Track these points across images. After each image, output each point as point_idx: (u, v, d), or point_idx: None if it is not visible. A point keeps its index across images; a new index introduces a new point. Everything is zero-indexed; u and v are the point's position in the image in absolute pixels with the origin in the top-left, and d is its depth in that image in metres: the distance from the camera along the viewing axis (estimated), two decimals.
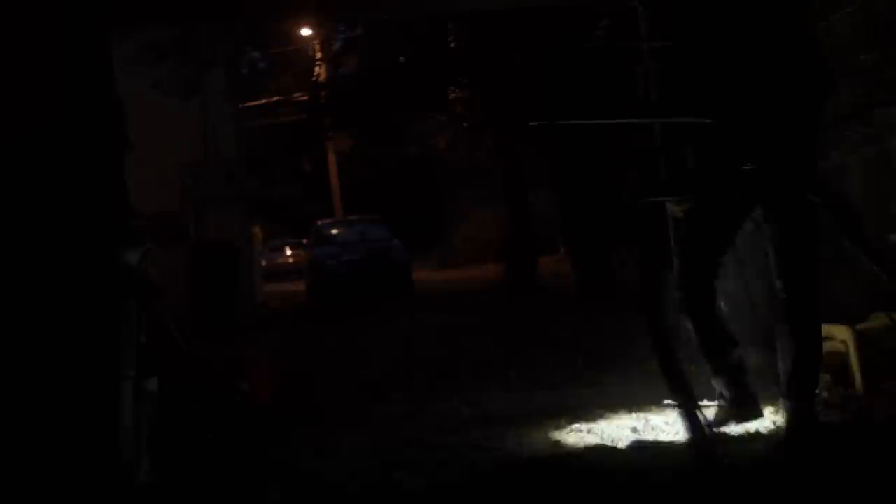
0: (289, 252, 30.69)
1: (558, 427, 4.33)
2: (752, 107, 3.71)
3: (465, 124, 15.62)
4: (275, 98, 19.45)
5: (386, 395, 5.74)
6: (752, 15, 3.73)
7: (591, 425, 4.32)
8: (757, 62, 3.69)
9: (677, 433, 3.89)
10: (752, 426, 3.93)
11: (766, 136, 3.71)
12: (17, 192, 4.17)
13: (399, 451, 4.18)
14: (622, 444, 3.96)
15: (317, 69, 17.29)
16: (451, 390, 5.53)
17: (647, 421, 4.27)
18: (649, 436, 4.06)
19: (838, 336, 4.48)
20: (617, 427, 4.25)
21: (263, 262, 24.87)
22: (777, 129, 3.70)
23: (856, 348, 4.44)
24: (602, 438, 4.11)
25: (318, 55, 17.37)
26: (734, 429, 3.88)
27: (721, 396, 3.92)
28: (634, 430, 4.17)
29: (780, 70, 3.69)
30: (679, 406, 3.58)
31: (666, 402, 4.02)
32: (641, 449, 3.86)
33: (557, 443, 4.12)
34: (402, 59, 14.47)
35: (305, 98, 17.87)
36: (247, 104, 18.85)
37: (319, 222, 18.44)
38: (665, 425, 4.11)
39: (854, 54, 5.40)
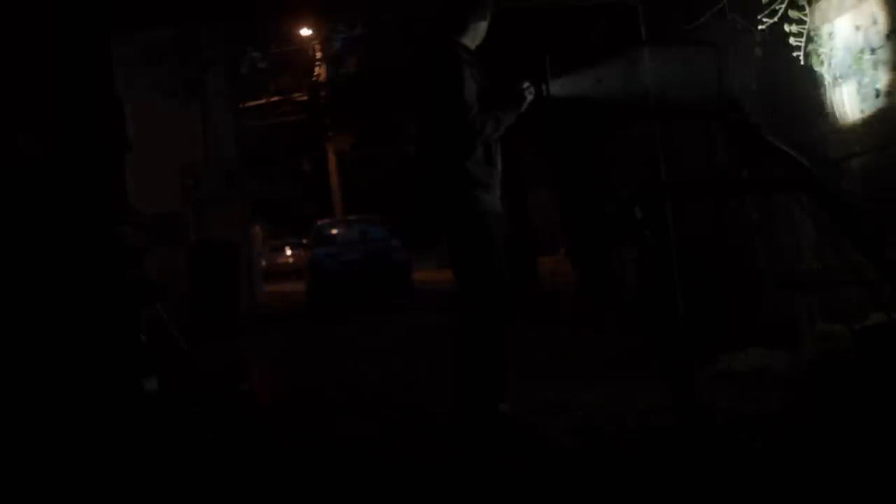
0: (289, 252, 30.70)
1: None
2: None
3: None
4: (275, 98, 19.45)
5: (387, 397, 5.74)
6: None
7: None
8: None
9: None
10: None
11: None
12: (18, 193, 4.17)
13: None
14: None
15: (317, 69, 17.28)
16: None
17: None
18: None
19: (838, 336, 4.47)
20: None
21: (263, 262, 24.90)
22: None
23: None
24: None
25: (318, 55, 17.36)
26: None
27: None
28: None
29: None
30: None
31: None
32: None
33: None
34: (402, 59, 14.45)
35: (305, 98, 17.87)
36: (247, 104, 18.85)
37: (319, 222, 18.43)
38: None
39: None
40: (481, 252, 4.19)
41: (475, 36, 4.38)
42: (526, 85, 4.24)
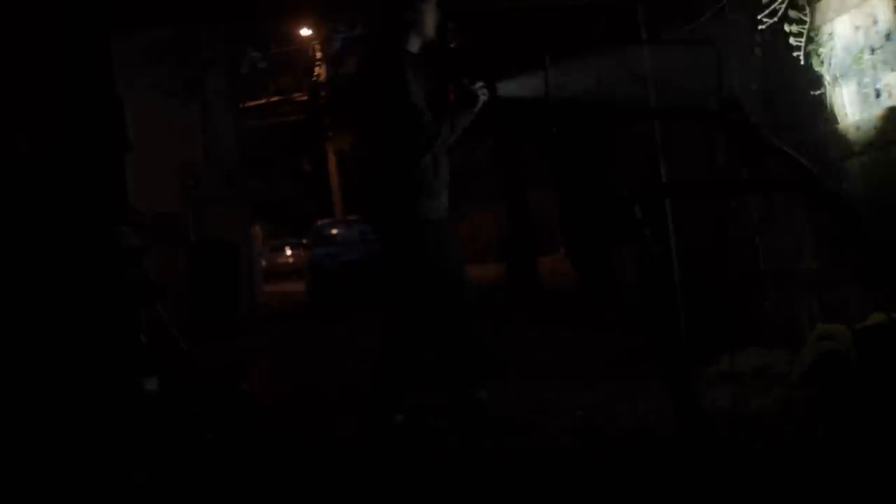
0: (289, 252, 30.70)
1: None
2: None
3: None
4: (275, 98, 19.46)
5: None
6: None
7: None
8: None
9: None
10: None
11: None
12: (18, 193, 4.17)
13: None
14: None
15: (317, 69, 17.28)
16: None
17: None
18: None
19: (838, 336, 4.47)
20: None
21: (263, 262, 24.90)
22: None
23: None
24: None
25: (319, 55, 17.37)
26: None
27: None
28: None
29: None
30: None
31: None
32: None
33: None
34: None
35: (305, 98, 17.87)
36: (247, 104, 18.85)
37: (319, 222, 18.43)
38: None
39: None
40: (416, 258, 4.26)
41: (419, 38, 4.34)
42: (479, 85, 4.24)
